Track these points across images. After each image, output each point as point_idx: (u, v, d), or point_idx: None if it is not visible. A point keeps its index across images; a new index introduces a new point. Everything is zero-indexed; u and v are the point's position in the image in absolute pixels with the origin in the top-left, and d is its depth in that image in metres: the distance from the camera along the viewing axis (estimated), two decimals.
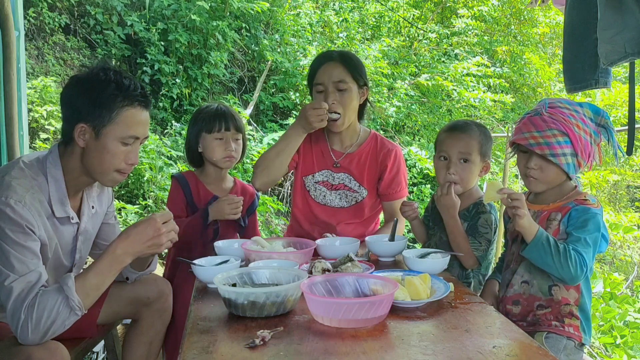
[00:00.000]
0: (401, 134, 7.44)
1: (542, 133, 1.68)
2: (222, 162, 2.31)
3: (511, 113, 8.61)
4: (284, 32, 7.46)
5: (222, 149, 2.29)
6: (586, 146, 1.68)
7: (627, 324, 3.21)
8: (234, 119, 2.32)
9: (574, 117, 1.68)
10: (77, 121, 1.60)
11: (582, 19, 2.24)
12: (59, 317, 1.44)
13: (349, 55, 2.28)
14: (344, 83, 2.21)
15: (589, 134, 1.69)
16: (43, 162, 1.65)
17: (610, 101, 7.70)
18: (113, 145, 1.62)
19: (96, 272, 1.53)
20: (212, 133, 2.28)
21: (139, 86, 1.66)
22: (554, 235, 1.69)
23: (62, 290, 1.46)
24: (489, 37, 9.26)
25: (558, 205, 1.73)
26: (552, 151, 1.67)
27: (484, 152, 1.98)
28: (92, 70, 1.64)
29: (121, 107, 1.61)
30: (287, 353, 1.19)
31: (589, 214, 1.66)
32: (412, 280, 1.52)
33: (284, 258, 1.76)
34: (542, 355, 1.19)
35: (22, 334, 1.44)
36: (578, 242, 1.62)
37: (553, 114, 1.69)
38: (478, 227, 1.96)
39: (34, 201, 1.55)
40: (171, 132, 5.85)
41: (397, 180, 2.34)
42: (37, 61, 5.43)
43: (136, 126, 1.65)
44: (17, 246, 1.48)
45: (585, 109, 1.71)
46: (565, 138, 1.66)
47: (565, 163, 1.68)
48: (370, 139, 2.39)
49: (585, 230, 1.64)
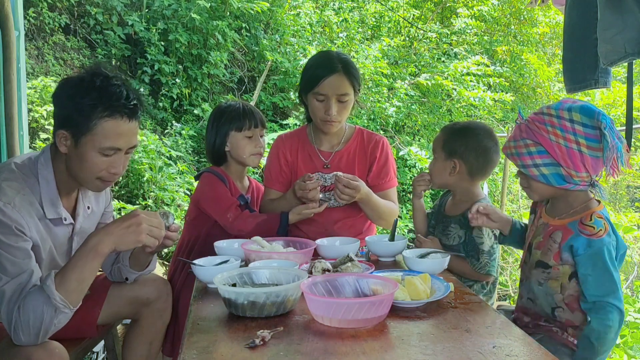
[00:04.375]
0: (401, 134, 7.43)
1: (516, 143, 1.62)
2: (251, 160, 2.34)
3: (511, 113, 8.61)
4: (284, 32, 7.46)
5: (252, 146, 2.32)
6: (571, 155, 1.52)
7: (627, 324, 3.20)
8: (260, 116, 2.37)
9: (552, 125, 1.54)
10: (58, 127, 1.57)
11: (582, 19, 2.24)
12: (46, 317, 1.41)
13: (351, 65, 2.25)
14: (347, 95, 2.22)
15: (573, 142, 1.52)
16: (35, 163, 1.63)
17: (610, 101, 7.70)
18: (91, 156, 1.57)
19: (73, 265, 1.46)
20: (242, 131, 2.31)
21: (127, 95, 1.57)
22: (555, 259, 1.61)
23: (42, 290, 1.43)
24: (489, 37, 9.25)
25: (563, 222, 1.62)
26: (522, 162, 1.60)
27: (446, 150, 2.01)
28: (82, 74, 1.59)
29: (100, 117, 1.53)
30: (287, 353, 1.19)
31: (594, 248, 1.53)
32: (412, 280, 1.52)
33: (284, 258, 1.76)
34: (542, 355, 1.19)
35: (15, 336, 1.43)
36: (601, 291, 1.52)
37: (530, 121, 1.60)
38: (474, 238, 1.96)
39: (24, 203, 1.53)
40: (171, 132, 5.85)
41: (386, 170, 2.35)
42: (37, 61, 5.43)
43: (116, 138, 1.57)
44: (9, 248, 1.46)
45: (573, 113, 1.53)
46: (539, 147, 1.56)
47: (539, 174, 1.57)
48: (356, 134, 2.40)
49: (597, 267, 1.53)
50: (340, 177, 2.12)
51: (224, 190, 2.29)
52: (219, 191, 2.28)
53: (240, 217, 2.20)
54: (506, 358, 1.17)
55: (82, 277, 1.46)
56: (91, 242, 1.47)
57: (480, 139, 2.00)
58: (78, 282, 1.46)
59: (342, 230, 2.27)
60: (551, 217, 1.66)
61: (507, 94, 7.55)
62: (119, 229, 1.48)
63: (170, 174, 5.12)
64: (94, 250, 1.46)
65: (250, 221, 2.19)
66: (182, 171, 5.33)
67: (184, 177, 5.23)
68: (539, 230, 1.70)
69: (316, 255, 1.93)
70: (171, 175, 5.11)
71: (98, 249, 1.46)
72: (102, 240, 1.47)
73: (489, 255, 1.94)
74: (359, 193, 2.12)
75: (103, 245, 1.46)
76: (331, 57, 2.27)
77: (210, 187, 2.30)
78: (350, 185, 2.10)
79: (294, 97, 6.82)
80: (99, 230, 1.50)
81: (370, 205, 2.23)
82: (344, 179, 2.11)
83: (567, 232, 1.59)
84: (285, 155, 2.38)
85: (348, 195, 2.11)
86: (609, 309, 1.51)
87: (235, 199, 2.27)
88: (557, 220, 1.64)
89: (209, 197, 2.28)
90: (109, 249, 1.48)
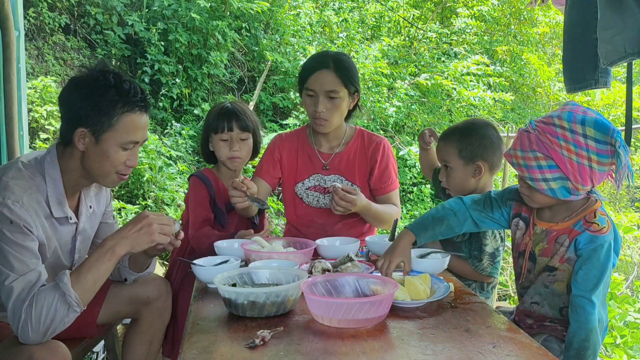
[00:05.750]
0: (401, 134, 7.43)
1: (524, 153, 1.54)
2: (228, 163, 2.30)
3: (511, 113, 8.61)
4: (284, 32, 7.46)
5: (227, 149, 2.27)
6: (582, 171, 1.47)
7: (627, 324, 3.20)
8: (239, 119, 2.28)
9: (566, 139, 1.47)
10: (76, 125, 1.59)
11: (582, 19, 2.24)
12: (58, 314, 1.44)
13: (344, 63, 2.21)
14: (335, 93, 2.17)
15: (585, 157, 1.47)
16: (41, 163, 1.65)
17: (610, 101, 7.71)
18: (113, 151, 1.62)
19: (90, 266, 1.52)
20: (217, 134, 2.27)
21: (139, 90, 1.65)
22: (561, 262, 1.59)
23: (58, 287, 1.46)
24: (489, 37, 9.25)
25: (567, 225, 1.59)
26: (531, 175, 1.53)
27: (466, 155, 1.95)
28: (91, 72, 1.63)
29: (121, 113, 1.60)
30: (287, 353, 1.19)
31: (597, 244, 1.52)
32: (412, 280, 1.52)
33: (284, 258, 1.76)
34: (541, 355, 1.19)
35: (22, 334, 1.44)
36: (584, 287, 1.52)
37: (541, 132, 1.51)
38: (479, 238, 1.93)
39: (31, 201, 1.55)
40: (171, 132, 5.85)
41: (388, 173, 2.33)
42: (37, 61, 5.43)
43: (136, 131, 1.64)
44: (16, 246, 1.48)
45: (587, 128, 1.46)
46: (550, 162, 1.50)
47: (548, 189, 1.52)
48: (357, 136, 2.37)
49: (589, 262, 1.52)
50: (337, 189, 2.08)
51: (203, 198, 2.28)
52: (198, 199, 2.29)
53: (198, 234, 2.20)
54: (506, 358, 1.17)
55: (97, 276, 1.53)
56: (108, 244, 1.55)
57: (489, 134, 1.98)
58: (93, 282, 1.52)
59: (342, 232, 2.27)
60: (553, 223, 1.63)
61: (507, 94, 7.55)
62: (133, 232, 1.56)
63: (170, 174, 5.12)
64: (110, 251, 1.54)
65: (204, 240, 2.16)
66: (182, 171, 5.34)
67: (183, 177, 5.24)
68: (538, 237, 1.65)
69: (316, 255, 1.93)
70: (171, 175, 5.11)
71: (115, 250, 1.54)
72: (118, 242, 1.55)
73: (492, 257, 1.93)
74: (355, 207, 2.09)
75: (119, 247, 1.55)
76: (325, 54, 2.27)
77: (192, 194, 2.32)
78: (347, 198, 2.07)
79: (294, 97, 6.83)
80: (115, 234, 1.58)
81: (370, 215, 2.21)
82: (340, 192, 2.07)
83: (574, 233, 1.57)
84: (280, 153, 2.36)
85: (343, 207, 2.08)
86: (589, 310, 1.50)
87: (207, 214, 2.25)
88: (560, 224, 1.61)
89: (188, 205, 2.33)
90: (125, 250, 1.56)
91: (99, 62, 1.81)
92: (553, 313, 1.65)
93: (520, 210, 1.71)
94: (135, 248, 1.58)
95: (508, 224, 1.75)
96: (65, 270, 1.52)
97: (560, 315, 1.64)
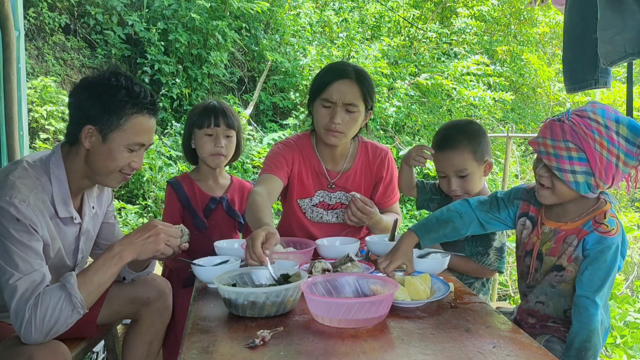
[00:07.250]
0: (401, 134, 7.43)
1: (555, 143, 1.50)
2: (210, 160, 2.27)
3: (511, 113, 8.61)
4: (284, 32, 7.46)
5: (212, 145, 2.24)
6: (608, 168, 1.46)
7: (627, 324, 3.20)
8: (226, 116, 2.26)
9: (600, 134, 1.45)
10: (84, 123, 1.61)
11: (582, 19, 2.24)
12: (62, 315, 1.45)
13: (365, 76, 2.12)
14: (354, 106, 2.08)
15: (615, 155, 1.46)
16: (46, 163, 1.66)
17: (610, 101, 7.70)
18: (118, 151, 1.64)
19: (96, 269, 1.55)
20: (202, 129, 2.25)
21: (149, 94, 1.67)
22: (568, 261, 1.58)
23: (64, 287, 1.47)
24: (489, 37, 9.25)
25: (577, 225, 1.58)
26: (559, 165, 1.49)
27: (479, 157, 1.95)
28: (103, 74, 1.65)
29: (130, 114, 1.62)
30: (287, 353, 1.19)
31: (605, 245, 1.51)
32: (412, 280, 1.52)
33: (284, 258, 1.76)
34: (542, 355, 1.19)
35: (25, 333, 1.44)
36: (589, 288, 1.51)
37: (576, 124, 1.47)
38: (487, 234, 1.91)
39: (37, 201, 1.56)
40: (171, 132, 5.85)
41: (392, 188, 2.33)
42: (37, 61, 5.43)
43: (143, 134, 1.66)
44: (21, 245, 1.48)
45: (621, 126, 1.46)
46: (581, 154, 1.46)
47: (574, 181, 1.48)
48: (361, 150, 2.29)
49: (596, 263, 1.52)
50: (357, 199, 2.05)
51: (173, 209, 2.29)
52: (168, 210, 2.30)
53: None
54: (506, 358, 1.17)
55: (103, 280, 1.56)
56: (116, 249, 1.58)
57: (482, 129, 2.01)
58: (98, 285, 1.55)
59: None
60: (562, 222, 1.62)
61: (507, 94, 7.55)
62: (141, 239, 1.60)
63: (170, 174, 5.12)
64: (118, 256, 1.57)
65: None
66: (182, 171, 5.34)
67: None
68: (546, 236, 1.64)
69: (316, 255, 1.93)
70: (171, 175, 5.12)
71: (122, 256, 1.58)
72: (125, 248, 1.59)
73: (499, 252, 1.93)
74: (370, 220, 2.07)
75: (126, 253, 1.59)
76: (345, 64, 2.18)
77: (165, 201, 2.34)
78: (364, 210, 2.04)
79: (294, 97, 6.83)
80: (123, 240, 1.62)
81: (378, 229, 2.17)
82: (359, 203, 2.04)
83: (582, 234, 1.56)
84: (292, 160, 2.22)
85: (359, 219, 2.06)
86: (592, 311, 1.50)
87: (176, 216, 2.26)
88: (569, 224, 1.60)
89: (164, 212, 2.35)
90: (132, 256, 1.60)
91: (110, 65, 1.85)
92: (557, 314, 1.65)
93: (528, 210, 1.71)
94: (141, 255, 1.61)
95: (514, 224, 1.75)
96: (72, 271, 1.53)
97: (564, 316, 1.64)
